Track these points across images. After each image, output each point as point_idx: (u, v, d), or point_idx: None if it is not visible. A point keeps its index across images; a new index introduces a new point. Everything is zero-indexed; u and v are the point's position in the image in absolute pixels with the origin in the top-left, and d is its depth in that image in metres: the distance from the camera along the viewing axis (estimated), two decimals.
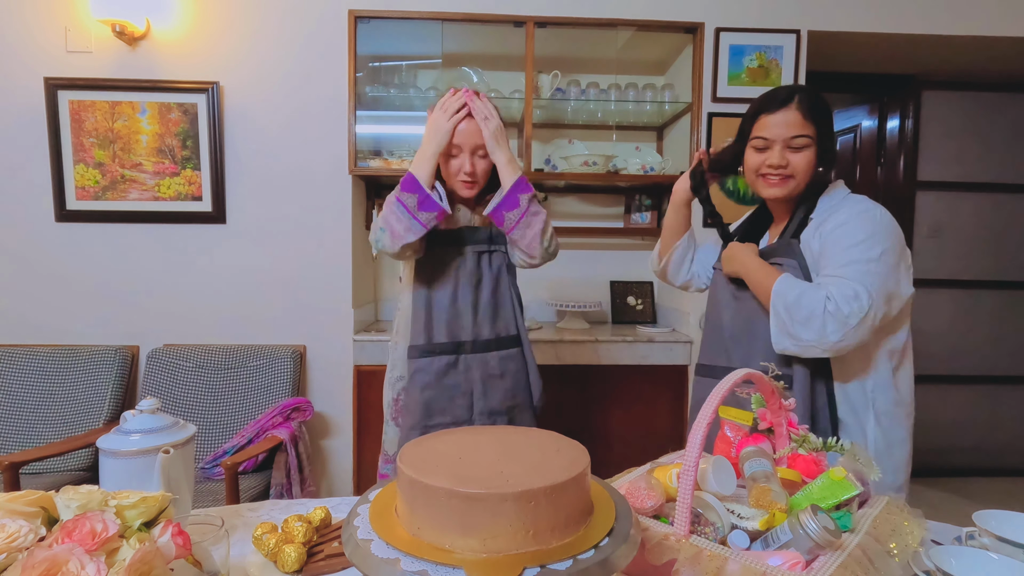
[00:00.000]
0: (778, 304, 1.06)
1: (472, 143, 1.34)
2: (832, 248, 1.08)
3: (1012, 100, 3.02)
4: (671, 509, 0.74)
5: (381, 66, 2.45)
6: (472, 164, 1.35)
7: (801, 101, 1.12)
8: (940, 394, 3.11)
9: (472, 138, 1.34)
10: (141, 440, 0.87)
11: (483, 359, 1.40)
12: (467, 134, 1.34)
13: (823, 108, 1.14)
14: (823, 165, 1.16)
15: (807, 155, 1.13)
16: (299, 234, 2.30)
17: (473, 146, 1.35)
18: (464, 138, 1.34)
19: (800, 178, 1.15)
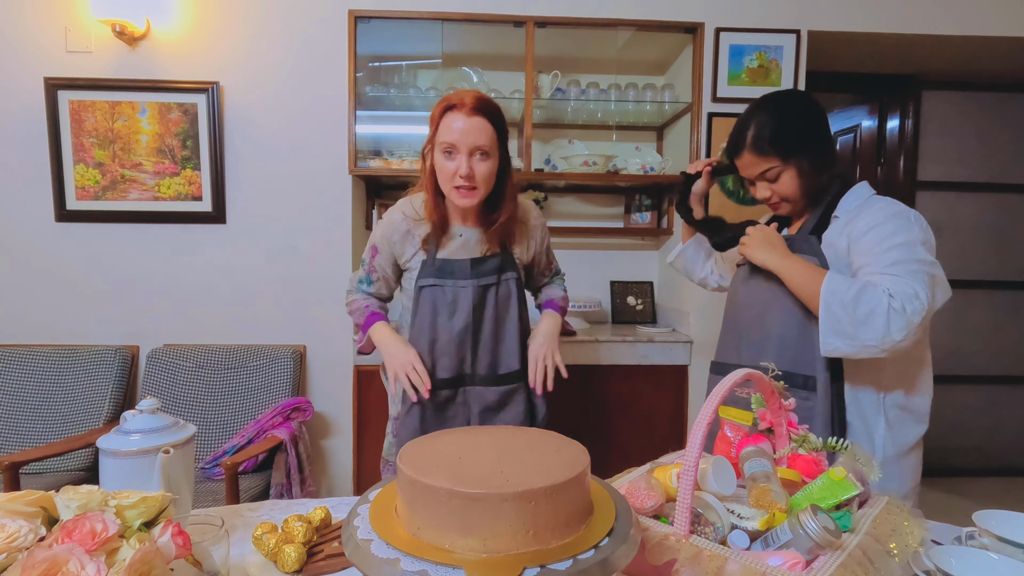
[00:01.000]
0: (832, 302, 1.00)
1: (470, 143, 1.18)
2: (870, 247, 1.05)
3: (1012, 100, 3.02)
4: (671, 509, 0.74)
5: (381, 66, 2.44)
6: (470, 165, 1.19)
7: (753, 142, 1.14)
8: (940, 394, 3.06)
9: (470, 137, 1.17)
10: (141, 440, 0.87)
11: (482, 393, 1.33)
12: (464, 132, 1.17)
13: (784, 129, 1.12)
14: (818, 171, 1.14)
15: (785, 180, 1.14)
16: (299, 234, 2.30)
17: (471, 146, 1.18)
18: (460, 136, 1.17)
19: (793, 198, 1.16)
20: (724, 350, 1.31)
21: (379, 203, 2.54)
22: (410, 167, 2.31)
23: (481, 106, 1.19)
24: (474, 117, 1.18)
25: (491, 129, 1.20)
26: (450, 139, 1.18)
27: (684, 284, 2.43)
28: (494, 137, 1.21)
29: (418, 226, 1.31)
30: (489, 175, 1.23)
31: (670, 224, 2.57)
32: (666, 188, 2.56)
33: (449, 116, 1.19)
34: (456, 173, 1.19)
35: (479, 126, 1.18)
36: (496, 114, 1.22)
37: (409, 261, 1.33)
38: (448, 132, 1.18)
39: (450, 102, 1.20)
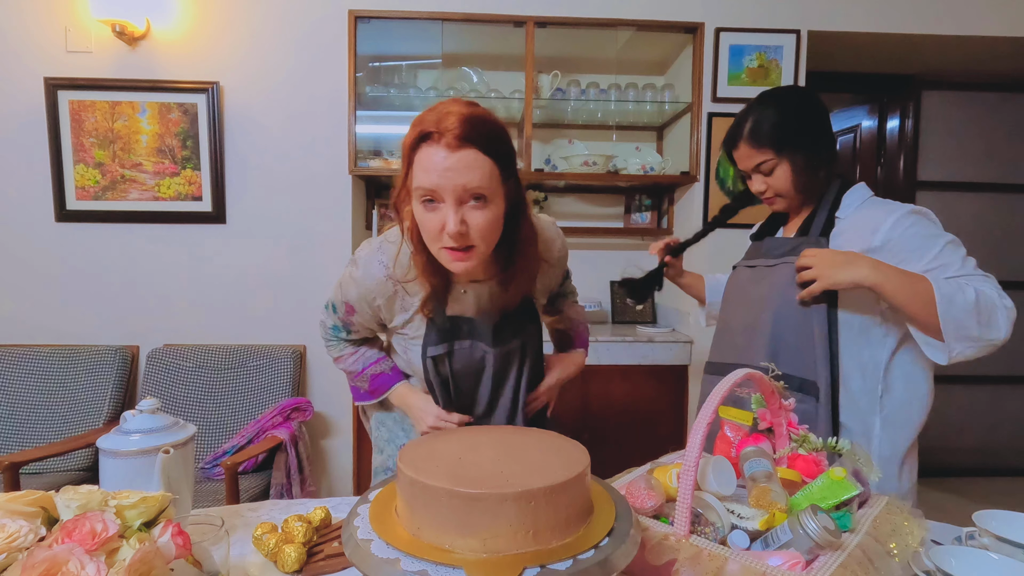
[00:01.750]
0: (953, 309, 0.96)
1: (458, 188, 0.81)
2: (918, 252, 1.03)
3: (1012, 100, 3.02)
4: (671, 509, 0.74)
5: (381, 66, 2.44)
6: (459, 219, 0.82)
7: (748, 134, 1.13)
8: (940, 394, 3.07)
9: (458, 179, 0.80)
10: (141, 440, 0.87)
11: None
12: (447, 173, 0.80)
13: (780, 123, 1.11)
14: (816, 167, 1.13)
15: (780, 173, 1.13)
16: (299, 234, 2.30)
17: (459, 192, 0.81)
18: (441, 180, 0.80)
19: (786, 192, 1.15)
20: (719, 350, 1.30)
21: (379, 203, 2.54)
22: None
23: (470, 133, 0.80)
24: (462, 151, 0.80)
25: (488, 164, 0.82)
26: (427, 183, 0.81)
27: None
28: (494, 174, 0.83)
29: (408, 287, 0.98)
30: (489, 227, 0.85)
31: (670, 224, 2.57)
32: (666, 188, 2.57)
33: (425, 151, 0.81)
34: (442, 231, 0.83)
35: (469, 162, 0.80)
36: (493, 139, 0.83)
37: (403, 328, 1.04)
38: (424, 174, 0.81)
39: (425, 128, 0.81)
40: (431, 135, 0.81)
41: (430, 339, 1.00)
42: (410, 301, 1.00)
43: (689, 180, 2.34)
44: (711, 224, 1.37)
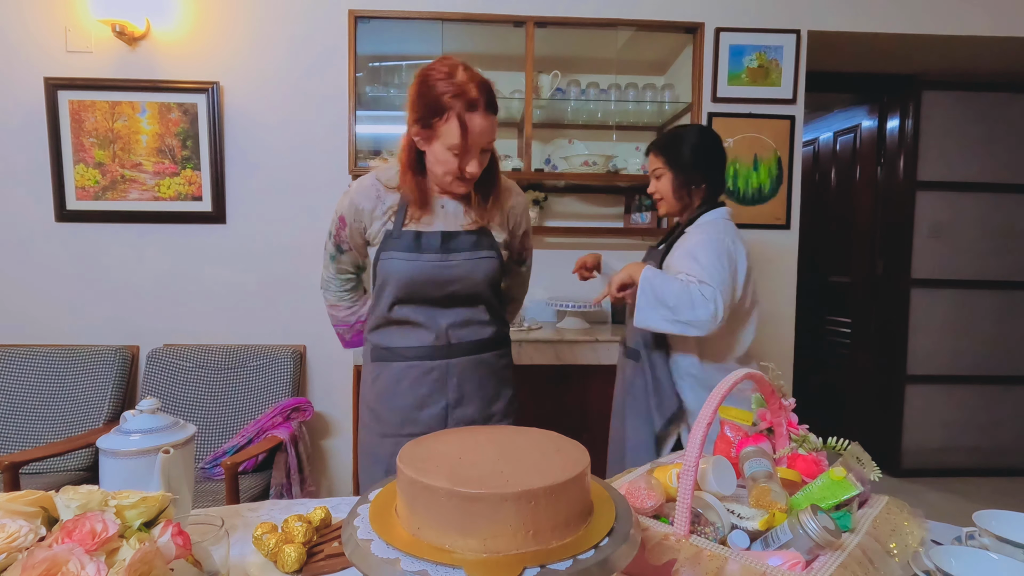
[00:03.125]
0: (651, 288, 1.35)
1: (483, 143, 1.12)
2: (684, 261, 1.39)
3: (1012, 100, 3.02)
4: (671, 509, 0.74)
5: (381, 66, 2.44)
6: (479, 164, 1.14)
7: (657, 144, 1.51)
8: (940, 394, 3.11)
9: (485, 137, 1.11)
10: (141, 440, 0.87)
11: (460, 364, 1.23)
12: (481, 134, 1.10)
13: (678, 145, 1.47)
14: (689, 186, 1.46)
15: (663, 181, 1.49)
16: (299, 234, 2.30)
17: (483, 146, 1.13)
18: (477, 139, 1.10)
19: (665, 198, 1.50)
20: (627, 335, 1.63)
21: None
22: None
23: (493, 101, 1.12)
24: (491, 117, 1.11)
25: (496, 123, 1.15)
26: (468, 141, 1.09)
27: None
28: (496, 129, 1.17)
29: (389, 194, 1.21)
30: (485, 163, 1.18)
31: (670, 224, 2.57)
32: None
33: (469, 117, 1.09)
34: (464, 170, 1.12)
35: (493, 124, 1.12)
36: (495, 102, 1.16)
37: (376, 235, 1.21)
38: (465, 135, 1.08)
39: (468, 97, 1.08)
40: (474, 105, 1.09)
41: (387, 246, 1.19)
42: (387, 207, 1.21)
43: None
44: None
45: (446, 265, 1.17)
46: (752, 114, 2.31)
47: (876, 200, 3.17)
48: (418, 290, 1.18)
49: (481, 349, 1.25)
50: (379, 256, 1.20)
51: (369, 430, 1.28)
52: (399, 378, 1.22)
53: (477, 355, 1.24)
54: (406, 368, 1.22)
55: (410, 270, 1.16)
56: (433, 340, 1.21)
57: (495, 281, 1.24)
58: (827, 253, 3.53)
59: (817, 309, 3.57)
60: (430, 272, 1.17)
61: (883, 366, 3.16)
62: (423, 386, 1.22)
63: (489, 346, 1.27)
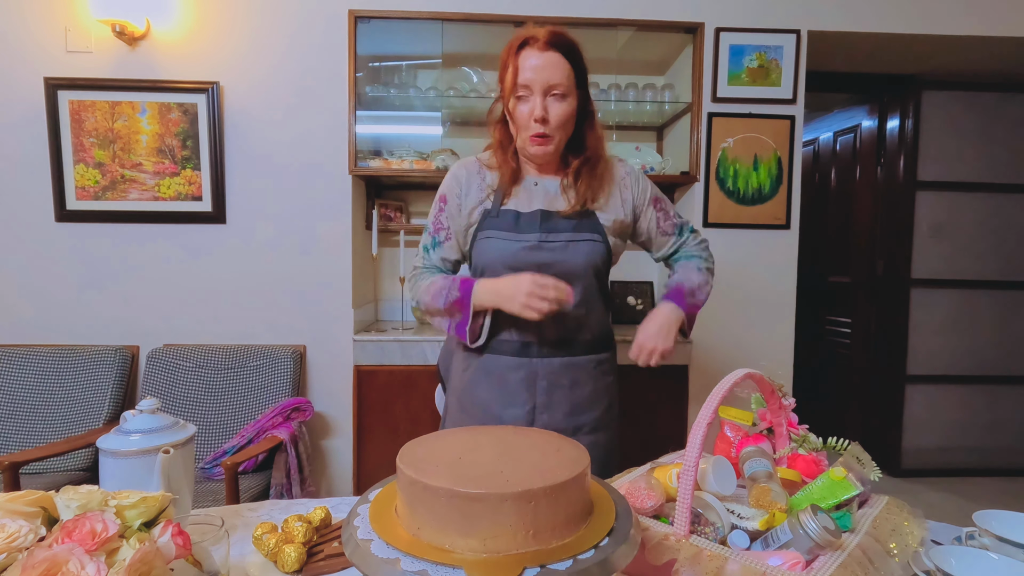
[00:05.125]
0: None
1: (543, 81, 1.07)
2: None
3: (1012, 100, 3.02)
4: (671, 509, 0.74)
5: (381, 66, 2.45)
6: (544, 106, 1.08)
7: None
8: (940, 394, 3.11)
9: (544, 74, 1.07)
10: (141, 440, 0.87)
11: (550, 365, 1.16)
12: (538, 70, 1.07)
13: None
14: None
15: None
16: (299, 234, 2.30)
17: (545, 85, 1.07)
18: (534, 75, 1.07)
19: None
20: None
21: (379, 203, 2.54)
22: (410, 167, 2.30)
23: (556, 40, 1.09)
24: (548, 52, 1.08)
25: (567, 66, 1.09)
26: (523, 79, 1.07)
27: None
28: (571, 75, 1.10)
29: (489, 173, 1.20)
30: (566, 118, 1.11)
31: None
32: (666, 188, 2.56)
33: (523, 54, 1.08)
34: (531, 116, 1.08)
35: (554, 62, 1.07)
36: (573, 50, 1.11)
37: (473, 211, 1.18)
38: (522, 72, 1.08)
39: (522, 38, 1.10)
40: (526, 42, 1.09)
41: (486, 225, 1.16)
42: (486, 184, 1.19)
43: (689, 180, 2.34)
44: None
45: (545, 247, 1.13)
46: (752, 114, 2.31)
47: (876, 200, 3.17)
48: (514, 269, 1.12)
49: (576, 351, 1.17)
50: (476, 236, 1.17)
51: (456, 420, 1.24)
52: (488, 371, 1.18)
53: (570, 357, 1.17)
54: (494, 362, 1.17)
55: (508, 250, 1.13)
56: (524, 336, 1.15)
57: (598, 269, 1.17)
58: (827, 253, 3.53)
59: (817, 309, 3.57)
60: (528, 254, 1.12)
61: (883, 366, 3.16)
62: (509, 384, 1.17)
63: (586, 349, 1.19)
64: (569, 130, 1.14)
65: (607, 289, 1.24)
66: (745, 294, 2.35)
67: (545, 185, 1.18)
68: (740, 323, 2.36)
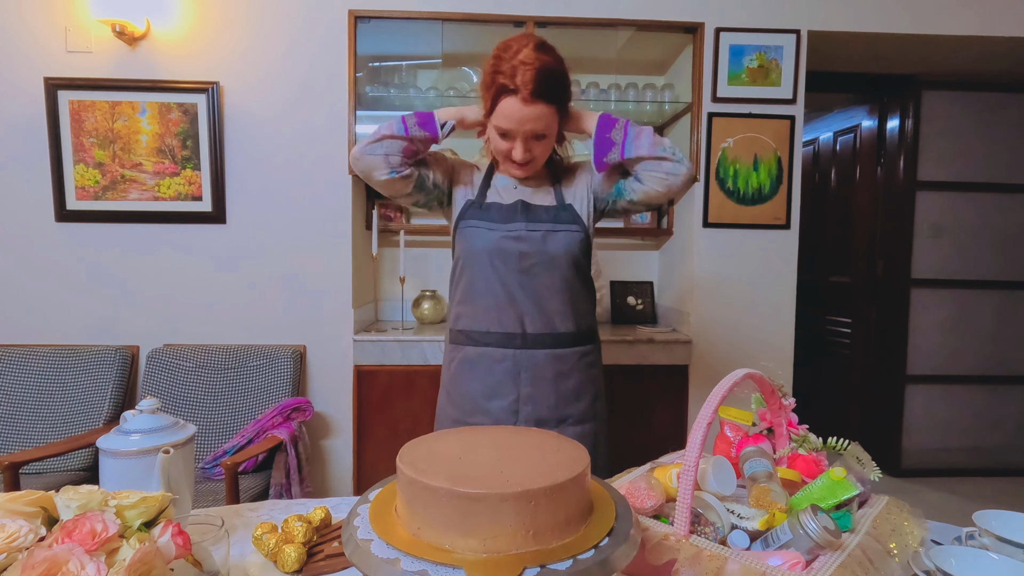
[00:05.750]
0: None
1: (528, 131, 1.08)
2: None
3: (1012, 100, 3.02)
4: (671, 509, 0.74)
5: (381, 66, 2.44)
6: (526, 150, 1.10)
7: None
8: (940, 394, 3.11)
9: (528, 126, 1.07)
10: (141, 440, 0.87)
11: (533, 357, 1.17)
12: (522, 122, 1.06)
13: None
14: None
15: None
16: (299, 234, 2.30)
17: (527, 134, 1.09)
18: (518, 125, 1.07)
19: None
20: None
21: (379, 203, 2.54)
22: None
23: (541, 90, 1.04)
24: (533, 105, 1.04)
25: (551, 111, 1.08)
26: (504, 126, 1.08)
27: (684, 284, 2.43)
28: (554, 117, 1.10)
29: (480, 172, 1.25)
30: (545, 153, 1.15)
31: (670, 224, 2.57)
32: None
33: (505, 101, 1.06)
34: (510, 155, 1.11)
35: (538, 114, 1.06)
36: (558, 89, 1.07)
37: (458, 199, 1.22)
38: (502, 118, 1.07)
39: (505, 85, 1.05)
40: (511, 91, 1.04)
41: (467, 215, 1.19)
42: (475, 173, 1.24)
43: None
44: None
45: (525, 237, 1.15)
46: (752, 114, 2.31)
47: (876, 200, 3.17)
48: (496, 264, 1.15)
49: (560, 343, 1.18)
50: (458, 225, 1.20)
51: (444, 414, 1.26)
52: (472, 363, 1.20)
53: (554, 349, 1.18)
54: (478, 353, 1.19)
55: (489, 239, 1.15)
56: (507, 327, 1.16)
57: (577, 258, 1.18)
58: (827, 253, 3.53)
59: (817, 309, 3.57)
60: (508, 243, 1.15)
61: (883, 366, 3.16)
62: (493, 375, 1.17)
63: (570, 341, 1.19)
64: (548, 154, 1.17)
65: (590, 282, 1.25)
66: (745, 294, 2.35)
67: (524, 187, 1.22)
68: (740, 323, 2.36)
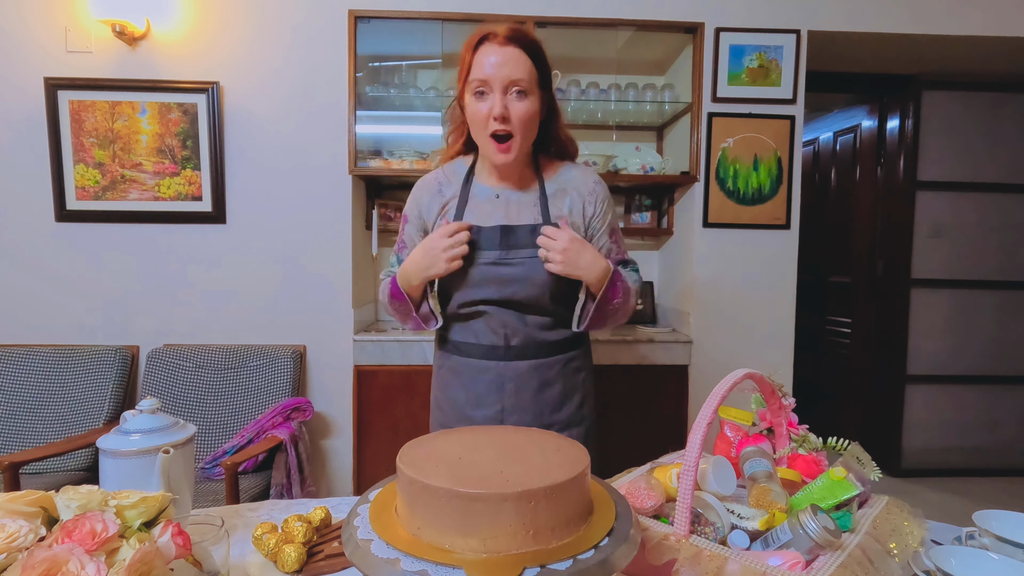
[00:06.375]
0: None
1: (503, 77, 1.02)
2: None
3: (1012, 100, 3.02)
4: (671, 509, 0.74)
5: (381, 66, 2.44)
6: (504, 104, 1.02)
7: None
8: (940, 394, 3.11)
9: (504, 70, 1.01)
10: (141, 440, 0.87)
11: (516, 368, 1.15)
12: (497, 66, 1.01)
13: None
14: None
15: None
16: (299, 234, 2.30)
17: (505, 81, 1.02)
18: (493, 71, 1.02)
19: None
20: None
21: (379, 203, 2.54)
22: (410, 167, 2.31)
23: (516, 35, 1.04)
24: (508, 47, 1.02)
25: (528, 62, 1.04)
26: (482, 75, 1.02)
27: (684, 284, 2.43)
28: (532, 72, 1.04)
29: (451, 185, 1.16)
30: (527, 117, 1.04)
31: (670, 224, 2.57)
32: (666, 188, 2.56)
33: (481, 50, 1.04)
34: (489, 115, 1.02)
35: (514, 57, 1.02)
36: (534, 47, 1.06)
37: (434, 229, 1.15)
38: (479, 68, 1.03)
39: (481, 34, 1.05)
40: (485, 37, 1.04)
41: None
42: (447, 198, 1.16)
43: (689, 180, 2.34)
44: None
45: (505, 264, 1.09)
46: (752, 114, 2.31)
47: (876, 200, 3.17)
48: (476, 289, 1.11)
49: (543, 354, 1.16)
50: None
51: (435, 418, 1.26)
52: (457, 372, 1.19)
53: (538, 360, 1.15)
54: (463, 364, 1.17)
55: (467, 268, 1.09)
56: (491, 340, 1.14)
57: (562, 283, 1.11)
58: (827, 253, 3.53)
59: (817, 309, 3.57)
60: (488, 272, 1.10)
61: (883, 366, 3.16)
62: (479, 385, 1.16)
63: (554, 349, 1.17)
64: (532, 133, 1.09)
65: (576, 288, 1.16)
66: (745, 294, 2.35)
67: (507, 196, 1.13)
68: (740, 323, 2.36)
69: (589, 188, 1.16)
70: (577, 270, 1.07)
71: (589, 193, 1.16)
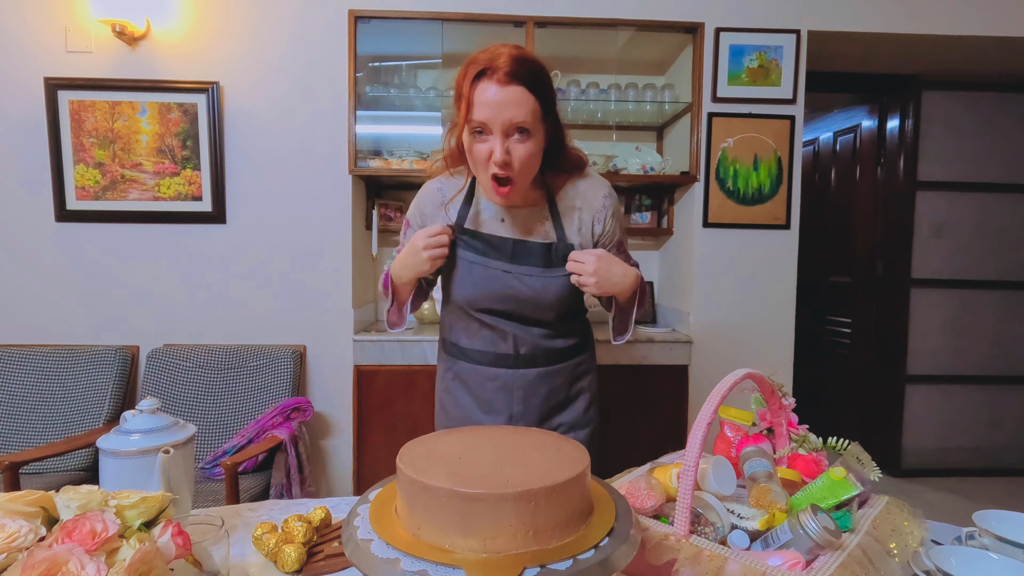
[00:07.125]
0: None
1: (505, 120, 0.94)
2: None
3: (1012, 100, 3.02)
4: (671, 509, 0.74)
5: (381, 66, 2.44)
6: (505, 149, 0.96)
7: None
8: (940, 394, 3.11)
9: (506, 112, 0.93)
10: (141, 440, 0.87)
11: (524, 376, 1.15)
12: (499, 107, 0.93)
13: None
14: None
15: None
16: (299, 234, 2.30)
17: (506, 124, 0.94)
18: (494, 112, 0.94)
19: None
20: None
21: (379, 203, 2.54)
22: (410, 167, 2.31)
23: (519, 73, 0.94)
24: (509, 87, 0.93)
25: (532, 100, 0.95)
26: (481, 116, 0.94)
27: (684, 284, 2.43)
28: (536, 108, 0.96)
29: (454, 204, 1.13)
30: (529, 159, 0.98)
31: (670, 224, 2.57)
32: (666, 188, 2.56)
33: (480, 87, 0.95)
34: (490, 159, 0.97)
35: (515, 98, 0.93)
36: (538, 79, 0.97)
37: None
38: (480, 109, 0.94)
39: (479, 66, 0.95)
40: (484, 72, 0.94)
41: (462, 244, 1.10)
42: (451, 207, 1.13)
43: (689, 180, 2.34)
44: None
45: (515, 280, 1.08)
46: (752, 114, 2.31)
47: (876, 200, 3.17)
48: (486, 295, 1.10)
49: (551, 361, 1.17)
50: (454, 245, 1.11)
51: (439, 423, 1.27)
52: (464, 379, 1.19)
53: (546, 368, 1.16)
54: (470, 371, 1.18)
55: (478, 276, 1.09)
56: (501, 348, 1.15)
57: (569, 302, 1.12)
58: (827, 253, 3.53)
59: (817, 309, 3.57)
60: (497, 285, 1.08)
61: (883, 366, 3.16)
62: (487, 391, 1.17)
63: (561, 356, 1.18)
64: (534, 170, 1.03)
65: (583, 299, 1.21)
66: (745, 294, 2.35)
67: (512, 216, 1.11)
68: (740, 323, 2.36)
69: (599, 205, 1.14)
70: (613, 287, 1.06)
71: (599, 211, 1.14)
